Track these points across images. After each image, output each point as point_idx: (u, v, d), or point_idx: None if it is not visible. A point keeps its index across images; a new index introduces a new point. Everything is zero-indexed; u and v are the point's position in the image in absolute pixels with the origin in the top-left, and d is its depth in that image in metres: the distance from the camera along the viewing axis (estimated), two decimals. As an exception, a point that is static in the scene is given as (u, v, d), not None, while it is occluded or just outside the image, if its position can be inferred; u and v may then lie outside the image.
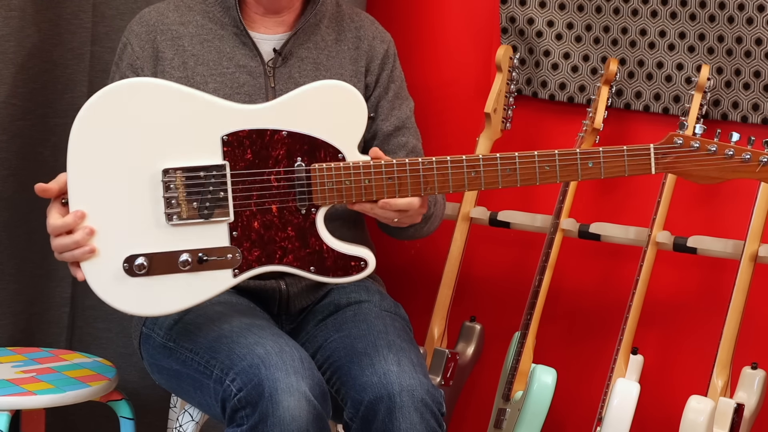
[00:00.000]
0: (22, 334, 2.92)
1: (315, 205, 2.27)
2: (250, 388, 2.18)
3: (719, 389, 2.66)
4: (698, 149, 2.26)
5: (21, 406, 2.48)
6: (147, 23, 2.48)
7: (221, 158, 2.24)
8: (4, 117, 2.80)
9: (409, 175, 2.26)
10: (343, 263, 2.28)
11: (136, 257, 2.22)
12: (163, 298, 2.24)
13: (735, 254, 2.74)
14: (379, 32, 2.60)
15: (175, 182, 2.23)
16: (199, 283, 2.24)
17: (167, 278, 2.23)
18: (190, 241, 2.24)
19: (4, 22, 2.75)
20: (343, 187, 2.26)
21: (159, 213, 2.23)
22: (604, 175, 2.26)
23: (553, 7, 3.02)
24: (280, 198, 2.26)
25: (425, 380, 2.27)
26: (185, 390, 2.38)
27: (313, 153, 2.26)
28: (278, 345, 2.24)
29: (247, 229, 2.25)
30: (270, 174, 2.26)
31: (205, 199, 2.24)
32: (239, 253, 2.25)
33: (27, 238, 2.88)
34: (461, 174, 2.26)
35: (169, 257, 2.23)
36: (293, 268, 2.27)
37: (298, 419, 2.16)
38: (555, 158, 2.26)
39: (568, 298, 3.10)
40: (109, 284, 2.23)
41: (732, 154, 2.26)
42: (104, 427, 2.98)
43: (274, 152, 2.26)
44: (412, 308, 2.75)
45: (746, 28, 2.78)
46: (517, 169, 2.27)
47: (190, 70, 2.45)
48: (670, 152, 2.27)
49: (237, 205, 2.25)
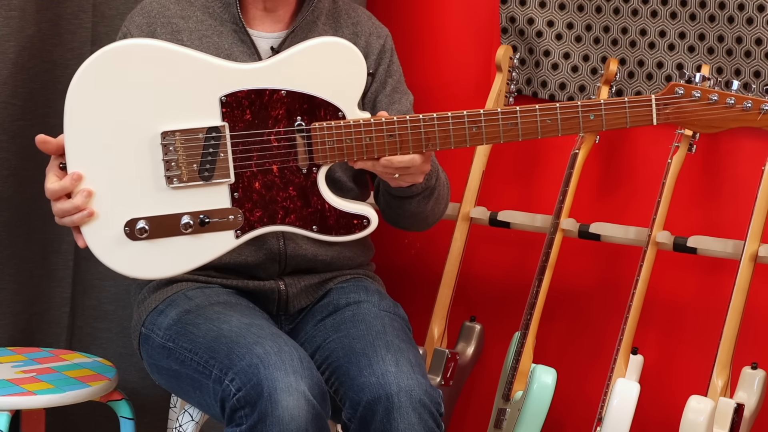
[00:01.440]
0: (22, 334, 2.92)
1: (316, 164, 2.26)
2: (249, 387, 2.18)
3: (719, 389, 2.66)
4: (699, 98, 2.25)
5: (21, 406, 2.48)
6: (148, 14, 2.48)
7: (220, 119, 2.23)
8: (4, 117, 2.80)
9: (411, 131, 2.24)
10: (345, 221, 2.27)
11: (137, 221, 2.21)
12: (166, 260, 2.23)
13: (735, 254, 2.74)
14: (376, 27, 2.60)
15: (174, 145, 2.22)
16: (202, 245, 2.24)
17: (169, 241, 2.22)
18: (191, 204, 2.23)
19: (4, 22, 2.75)
20: (344, 146, 2.24)
21: (159, 176, 2.22)
22: (605, 127, 2.24)
23: (553, 7, 3.02)
24: (281, 158, 2.25)
25: (423, 380, 2.27)
26: (185, 390, 2.38)
27: (312, 112, 2.25)
28: (277, 345, 2.24)
29: (249, 190, 2.25)
30: (270, 134, 2.25)
31: (205, 161, 2.23)
32: (241, 215, 2.25)
33: (27, 238, 2.88)
34: (462, 129, 2.24)
35: (170, 220, 2.22)
36: (296, 228, 2.27)
37: (297, 419, 2.16)
38: (556, 111, 2.24)
39: (568, 298, 3.10)
40: (110, 248, 2.22)
41: (733, 102, 2.24)
42: (104, 427, 2.98)
43: (273, 112, 2.25)
44: (412, 308, 2.75)
45: (746, 28, 2.78)
46: (519, 123, 2.24)
47: None
48: (672, 102, 2.25)
49: (237, 166, 2.24)
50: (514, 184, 3.17)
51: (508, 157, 3.16)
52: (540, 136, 2.25)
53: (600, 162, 3.04)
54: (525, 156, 3.16)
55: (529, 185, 3.15)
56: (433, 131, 2.25)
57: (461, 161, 3.08)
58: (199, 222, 2.23)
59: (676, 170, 2.81)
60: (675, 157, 2.81)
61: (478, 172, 3.03)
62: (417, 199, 2.46)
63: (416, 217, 2.52)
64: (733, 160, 2.88)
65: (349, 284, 2.52)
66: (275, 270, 2.48)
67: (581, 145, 2.92)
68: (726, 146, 2.89)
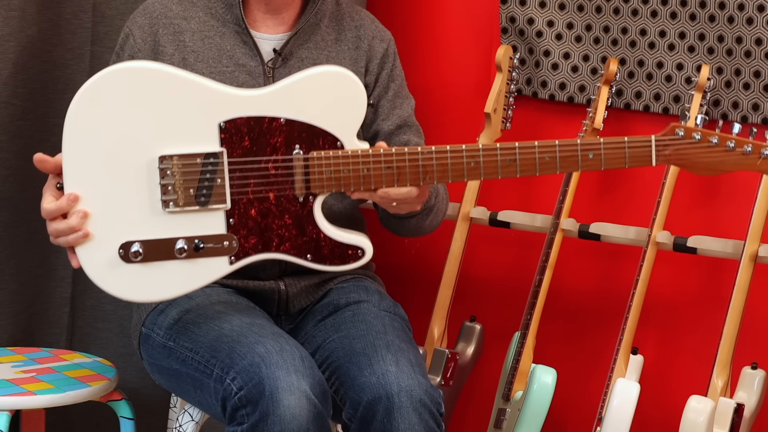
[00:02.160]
0: (22, 334, 2.92)
1: (313, 193, 2.25)
2: (251, 386, 2.18)
3: (719, 389, 2.66)
4: (700, 141, 2.24)
5: (21, 406, 2.48)
6: (150, 15, 2.48)
7: (218, 145, 2.23)
8: (4, 117, 2.80)
9: (408, 164, 2.24)
10: (340, 251, 2.26)
11: (132, 244, 2.21)
12: (159, 284, 2.23)
13: (735, 254, 2.74)
14: (379, 31, 2.60)
15: (171, 169, 2.21)
16: (196, 270, 2.23)
17: (163, 265, 2.22)
18: (186, 228, 2.22)
19: (4, 22, 2.75)
20: (341, 176, 2.23)
21: (155, 200, 2.22)
22: (604, 166, 2.23)
23: (553, 7, 3.02)
24: (278, 186, 2.25)
25: (424, 380, 2.27)
26: (185, 389, 2.38)
27: (311, 141, 2.24)
28: (279, 344, 2.24)
29: (244, 216, 2.24)
30: (267, 162, 2.24)
31: (202, 186, 2.22)
32: (236, 241, 2.24)
33: (27, 238, 2.88)
34: (461, 163, 2.24)
35: (165, 244, 2.22)
36: (290, 256, 2.26)
37: (299, 418, 2.16)
38: (555, 149, 2.23)
39: (568, 298, 3.10)
40: (104, 270, 2.21)
41: (733, 146, 2.23)
42: (104, 427, 2.98)
43: (272, 140, 2.24)
44: (412, 308, 2.75)
45: (746, 28, 2.78)
46: (517, 160, 2.24)
47: (189, 66, 2.44)
48: (672, 144, 2.24)
49: (234, 192, 2.23)
50: (514, 184, 3.17)
51: (508, 157, 3.16)
52: (538, 173, 2.24)
53: (600, 162, 3.04)
54: (525, 156, 3.16)
55: (529, 185, 3.15)
56: (431, 164, 2.24)
57: (461, 161, 3.08)
58: (194, 247, 2.22)
59: (676, 170, 2.81)
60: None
61: (478, 172, 3.02)
62: (416, 218, 2.46)
63: (415, 231, 2.53)
64: (733, 160, 2.88)
65: (349, 284, 2.52)
66: (275, 270, 2.48)
67: (581, 145, 2.92)
68: (726, 146, 2.89)
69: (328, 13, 2.54)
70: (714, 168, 2.25)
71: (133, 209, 2.21)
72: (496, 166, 2.24)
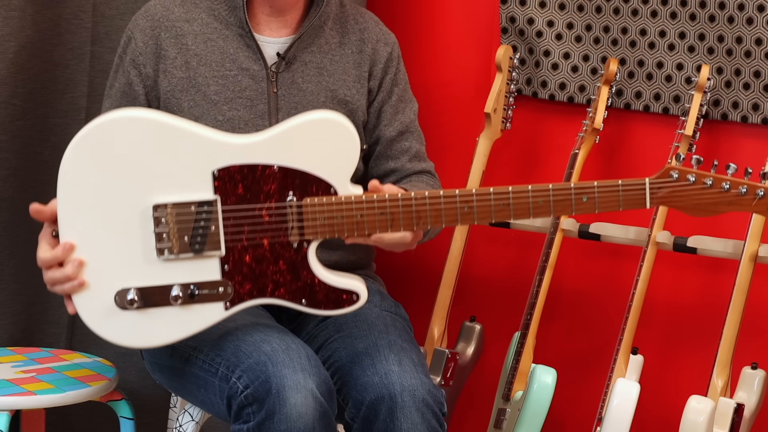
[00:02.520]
0: (22, 334, 2.92)
1: (307, 239, 2.25)
2: (257, 385, 2.18)
3: (719, 389, 2.66)
4: (694, 183, 2.24)
5: (21, 406, 2.48)
6: (152, 17, 2.47)
7: (212, 193, 2.23)
8: (4, 117, 2.80)
9: (402, 210, 2.24)
10: (334, 296, 2.27)
11: (128, 291, 2.21)
12: (155, 330, 2.24)
13: (735, 254, 2.74)
14: (383, 34, 2.59)
15: (165, 217, 2.22)
16: (191, 317, 2.24)
17: (159, 311, 2.23)
18: (181, 275, 2.23)
19: (4, 22, 2.75)
20: (335, 222, 2.24)
21: (150, 247, 2.22)
22: (598, 209, 2.24)
23: (553, 7, 3.02)
24: (272, 232, 2.25)
25: (426, 380, 2.27)
26: (188, 389, 2.38)
27: (304, 187, 2.24)
28: (285, 342, 2.24)
29: (239, 262, 2.24)
30: (261, 209, 2.24)
31: (197, 234, 2.23)
32: (231, 287, 2.24)
33: (27, 238, 2.88)
34: (454, 209, 2.24)
35: (160, 291, 2.23)
36: (285, 301, 2.27)
37: (305, 416, 2.16)
38: (549, 192, 2.23)
39: (568, 298, 3.10)
40: (100, 318, 2.22)
41: (728, 187, 2.23)
42: (104, 427, 2.98)
43: (265, 187, 2.24)
44: (412, 308, 2.75)
45: (746, 28, 2.78)
46: (511, 204, 2.24)
47: (192, 70, 2.44)
48: (666, 186, 2.24)
49: (228, 239, 2.24)
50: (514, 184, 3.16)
51: (508, 157, 3.16)
52: (531, 217, 2.25)
53: (600, 162, 3.04)
54: (525, 156, 3.16)
55: (528, 185, 3.15)
56: (425, 209, 2.24)
57: (461, 161, 3.08)
58: (189, 293, 2.23)
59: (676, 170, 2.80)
60: (675, 157, 2.81)
61: (478, 172, 3.02)
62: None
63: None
64: (733, 160, 2.88)
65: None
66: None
67: (581, 145, 2.92)
68: (726, 146, 2.89)
69: (332, 15, 2.53)
70: (709, 209, 2.25)
71: (128, 257, 2.22)
72: (490, 210, 2.24)
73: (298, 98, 2.46)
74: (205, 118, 2.42)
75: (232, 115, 2.43)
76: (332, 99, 2.48)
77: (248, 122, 2.43)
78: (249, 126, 2.42)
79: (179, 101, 2.43)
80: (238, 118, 2.43)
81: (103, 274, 2.22)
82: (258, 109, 2.44)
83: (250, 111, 2.44)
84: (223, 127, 2.39)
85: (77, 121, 2.89)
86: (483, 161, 3.03)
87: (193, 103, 2.43)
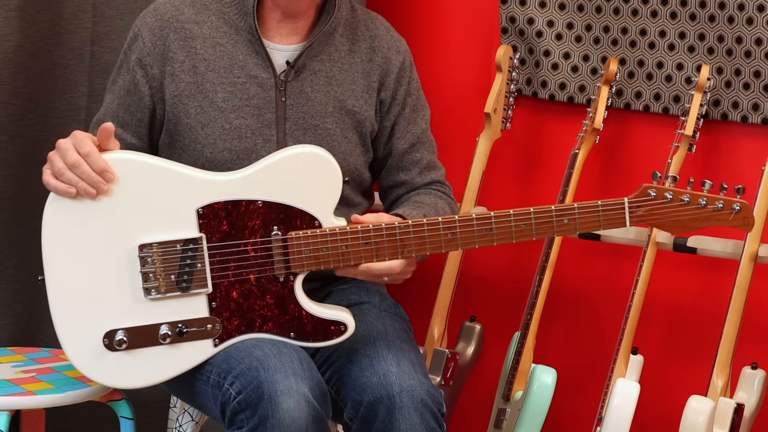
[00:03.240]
0: (22, 334, 2.92)
1: (293, 272, 2.27)
2: (250, 390, 2.18)
3: (719, 389, 2.66)
4: (672, 200, 2.28)
5: (21, 406, 2.48)
6: (161, 17, 2.44)
7: (197, 230, 2.25)
8: (4, 117, 2.79)
9: (386, 239, 2.26)
10: (322, 328, 2.28)
11: (116, 332, 2.23)
12: (144, 370, 2.25)
13: (735, 254, 2.74)
14: (395, 42, 2.56)
15: (152, 257, 2.23)
16: (180, 355, 2.26)
17: (147, 351, 2.24)
18: (169, 314, 2.25)
19: (4, 22, 2.74)
20: (320, 254, 2.26)
21: (137, 288, 2.24)
22: (578, 230, 2.29)
23: (553, 7, 3.02)
24: (258, 267, 2.26)
25: (425, 381, 2.27)
26: (185, 393, 2.38)
27: (289, 221, 2.26)
28: (276, 347, 2.23)
29: (226, 299, 2.26)
30: (246, 244, 2.26)
31: (183, 272, 2.25)
32: (219, 323, 2.26)
33: (27, 238, 2.88)
34: (438, 235, 2.27)
35: (148, 330, 2.24)
36: (273, 335, 2.28)
37: (298, 421, 2.16)
38: (530, 216, 2.27)
39: (568, 298, 3.10)
40: (89, 360, 2.24)
41: (705, 203, 2.28)
42: (104, 427, 2.98)
43: (249, 222, 2.26)
44: (412, 308, 2.75)
45: (746, 28, 2.78)
46: (493, 228, 2.27)
47: (200, 75, 2.42)
48: (644, 204, 2.29)
49: (215, 276, 2.25)
50: (514, 184, 3.17)
51: (508, 157, 3.16)
52: (514, 241, 2.28)
53: (600, 162, 3.04)
54: (525, 156, 3.16)
55: (529, 185, 3.15)
56: (409, 238, 2.27)
57: (461, 161, 3.08)
58: (178, 332, 2.24)
59: (676, 170, 2.80)
60: (675, 157, 2.81)
61: (478, 172, 3.03)
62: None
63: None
64: (733, 160, 2.88)
65: (349, 285, 2.52)
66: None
67: (581, 145, 2.92)
68: (726, 146, 2.89)
69: (342, 20, 2.50)
70: (687, 225, 2.30)
71: (115, 298, 2.24)
72: (473, 236, 2.28)
73: (306, 108, 2.44)
74: (212, 125, 2.40)
75: (239, 123, 2.41)
76: (340, 109, 2.47)
77: (255, 131, 2.41)
78: (256, 135, 2.41)
79: (186, 107, 2.41)
80: (245, 127, 2.41)
81: (91, 315, 2.24)
82: (266, 118, 2.42)
83: (257, 120, 2.42)
84: (229, 136, 2.39)
85: (77, 121, 2.89)
86: (483, 161, 3.03)
87: (200, 109, 2.41)
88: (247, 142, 2.39)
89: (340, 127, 2.45)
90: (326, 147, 2.36)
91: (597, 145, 2.95)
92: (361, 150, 2.49)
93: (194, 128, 2.40)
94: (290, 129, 2.42)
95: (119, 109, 2.44)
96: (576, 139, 2.95)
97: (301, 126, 2.43)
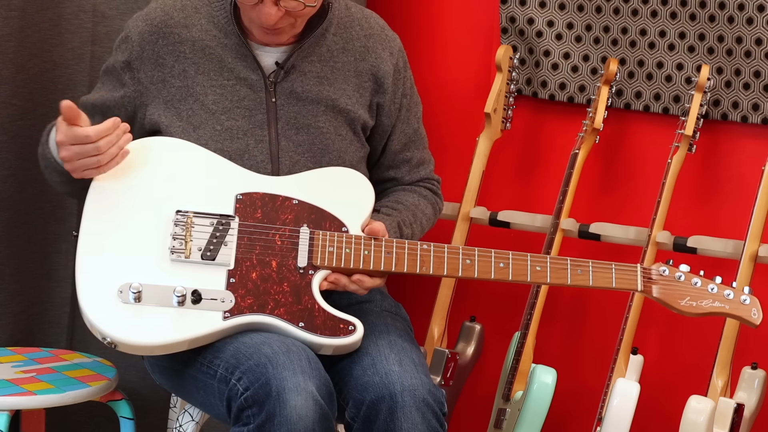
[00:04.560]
0: (22, 334, 2.92)
1: (314, 266, 2.32)
2: (258, 387, 2.18)
3: (719, 389, 2.66)
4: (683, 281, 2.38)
5: (21, 406, 2.48)
6: (151, 22, 2.45)
7: (233, 212, 2.34)
8: (4, 117, 2.80)
9: (407, 253, 2.34)
10: (332, 324, 2.30)
11: (132, 285, 2.26)
12: (151, 328, 2.26)
13: (735, 254, 2.74)
14: (389, 41, 2.56)
15: (185, 222, 2.31)
16: (188, 321, 2.27)
17: (157, 310, 2.27)
18: (187, 279, 2.29)
19: (4, 22, 2.75)
20: (343, 253, 2.32)
21: (164, 248, 2.30)
22: (592, 284, 2.34)
23: (553, 7, 3.02)
24: (282, 255, 2.32)
25: (427, 380, 2.27)
26: (187, 390, 2.38)
27: (319, 222, 2.35)
28: (285, 345, 2.24)
29: (245, 278, 2.30)
30: (276, 233, 2.33)
31: (210, 243, 2.31)
32: (233, 299, 2.28)
33: (27, 238, 2.88)
34: (456, 260, 2.35)
35: (164, 290, 2.27)
36: (283, 321, 2.29)
37: (305, 419, 2.16)
38: (547, 263, 2.35)
39: (568, 298, 3.10)
40: (98, 305, 2.26)
41: (715, 290, 2.38)
42: (104, 427, 2.98)
43: (282, 215, 2.34)
44: (412, 308, 2.75)
45: (746, 28, 2.78)
46: (510, 265, 2.34)
47: (190, 79, 2.43)
48: (655, 282, 2.37)
49: (239, 254, 2.31)
50: (514, 184, 3.17)
51: (508, 157, 3.16)
52: (529, 281, 2.35)
53: (600, 162, 3.04)
54: (525, 156, 3.16)
55: (529, 185, 3.15)
56: (429, 257, 2.34)
57: (461, 161, 3.08)
58: (192, 299, 2.27)
59: (676, 170, 2.81)
60: (675, 157, 2.81)
61: (478, 172, 3.03)
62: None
63: None
64: (733, 160, 2.88)
65: (350, 285, 2.53)
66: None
67: (581, 145, 2.92)
68: (726, 146, 2.89)
69: (335, 20, 2.50)
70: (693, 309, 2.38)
71: (140, 254, 2.30)
72: (490, 268, 2.34)
73: (297, 107, 2.45)
74: (204, 127, 2.42)
75: (230, 124, 2.43)
76: (332, 108, 2.47)
77: (247, 132, 2.43)
78: (248, 135, 2.42)
79: (178, 110, 2.43)
80: (237, 128, 2.43)
81: (112, 267, 2.28)
82: (257, 119, 2.43)
83: (248, 121, 2.43)
84: (221, 137, 2.41)
85: (77, 121, 2.89)
86: (483, 161, 3.03)
87: (191, 112, 2.43)
88: (239, 143, 2.41)
89: (334, 125, 2.47)
90: (321, 145, 2.44)
91: (597, 145, 2.95)
92: (357, 146, 2.51)
93: (186, 130, 2.42)
94: (282, 129, 2.43)
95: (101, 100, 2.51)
96: (576, 139, 2.95)
97: (293, 125, 2.44)
